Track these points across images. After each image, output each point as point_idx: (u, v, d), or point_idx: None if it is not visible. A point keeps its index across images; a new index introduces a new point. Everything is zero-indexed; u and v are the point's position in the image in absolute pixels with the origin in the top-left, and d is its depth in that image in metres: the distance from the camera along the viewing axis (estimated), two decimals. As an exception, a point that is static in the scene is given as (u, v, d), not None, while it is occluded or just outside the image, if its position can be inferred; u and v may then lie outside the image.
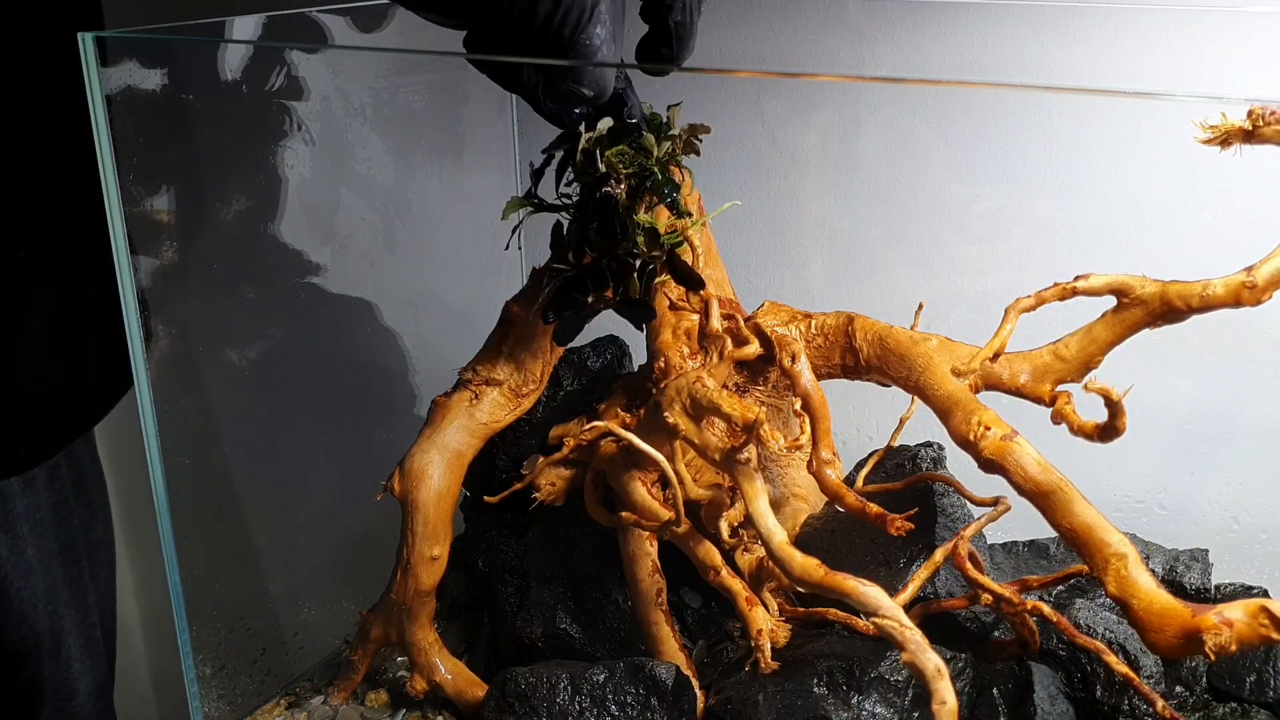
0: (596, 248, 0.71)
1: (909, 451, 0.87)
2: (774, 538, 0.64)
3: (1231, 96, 0.68)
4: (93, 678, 1.00)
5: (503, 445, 0.87)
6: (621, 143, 0.69)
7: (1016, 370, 0.71)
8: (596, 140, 0.69)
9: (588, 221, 0.71)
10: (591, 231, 0.71)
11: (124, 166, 0.71)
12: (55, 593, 0.94)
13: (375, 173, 1.03)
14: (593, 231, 0.71)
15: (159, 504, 0.77)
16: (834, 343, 0.76)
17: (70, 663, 0.96)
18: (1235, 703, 0.73)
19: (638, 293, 0.72)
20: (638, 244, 0.70)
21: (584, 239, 0.72)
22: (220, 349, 0.91)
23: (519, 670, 0.74)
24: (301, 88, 0.92)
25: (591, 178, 0.70)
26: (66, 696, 0.96)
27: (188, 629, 0.80)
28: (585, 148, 0.69)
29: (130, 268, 0.72)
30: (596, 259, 0.72)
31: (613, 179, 0.69)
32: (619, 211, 0.69)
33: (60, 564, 0.94)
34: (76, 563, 0.97)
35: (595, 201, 0.70)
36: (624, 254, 0.71)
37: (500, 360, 0.80)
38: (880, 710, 0.68)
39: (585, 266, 0.72)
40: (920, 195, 0.99)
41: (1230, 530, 0.95)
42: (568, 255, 0.73)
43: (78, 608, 0.97)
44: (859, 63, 0.99)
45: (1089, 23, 0.90)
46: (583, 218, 0.72)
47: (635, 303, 0.73)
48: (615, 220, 0.70)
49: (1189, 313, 0.66)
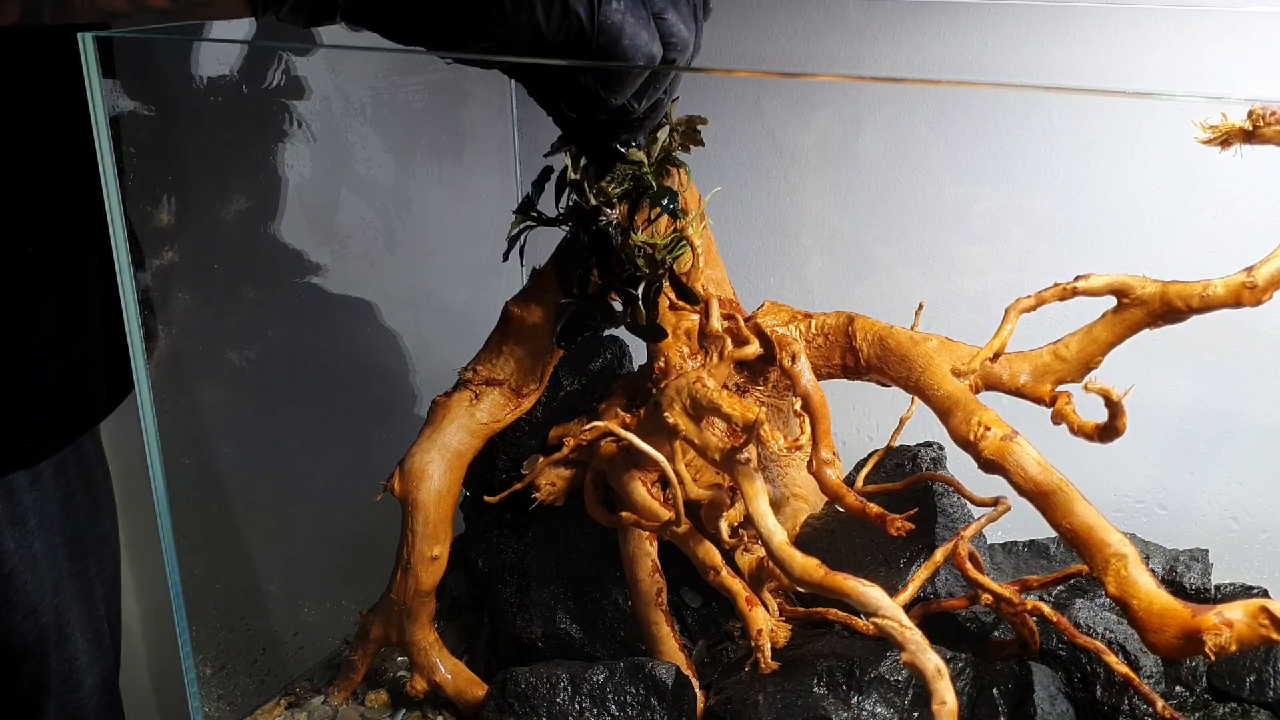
0: (599, 278, 0.72)
1: (909, 451, 0.87)
2: (774, 538, 0.64)
3: (1231, 96, 0.68)
4: (99, 670, 1.00)
5: (503, 445, 0.87)
6: (606, 174, 0.69)
7: (1017, 370, 0.71)
8: (584, 172, 0.69)
9: (588, 254, 0.71)
10: (591, 264, 0.71)
11: (124, 167, 0.71)
12: (61, 586, 0.94)
13: (375, 173, 1.03)
14: (592, 264, 0.71)
15: (159, 504, 0.77)
16: (834, 343, 0.76)
17: (76, 656, 0.97)
18: (1235, 703, 0.73)
19: (644, 320, 0.72)
20: (639, 267, 0.70)
21: (586, 271, 0.72)
22: (220, 349, 0.91)
23: (519, 670, 0.74)
24: (301, 87, 0.91)
25: (585, 212, 0.70)
26: (73, 688, 0.97)
27: (188, 629, 0.80)
28: (573, 179, 0.69)
29: (130, 267, 0.72)
30: (600, 288, 0.72)
31: (606, 207, 0.69)
32: (615, 245, 0.69)
33: (66, 558, 0.95)
34: (83, 557, 0.97)
35: (592, 236, 0.70)
36: (626, 280, 0.71)
37: (500, 360, 0.80)
38: (880, 710, 0.68)
39: (591, 297, 0.73)
40: (920, 195, 1.00)
41: (1230, 530, 0.95)
42: (573, 289, 0.73)
43: (84, 601, 0.97)
44: (859, 63, 0.99)
45: (1089, 23, 0.90)
46: (581, 248, 0.72)
47: (644, 327, 0.73)
48: (611, 254, 0.70)
49: (1189, 313, 0.66)
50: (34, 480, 0.90)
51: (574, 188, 0.70)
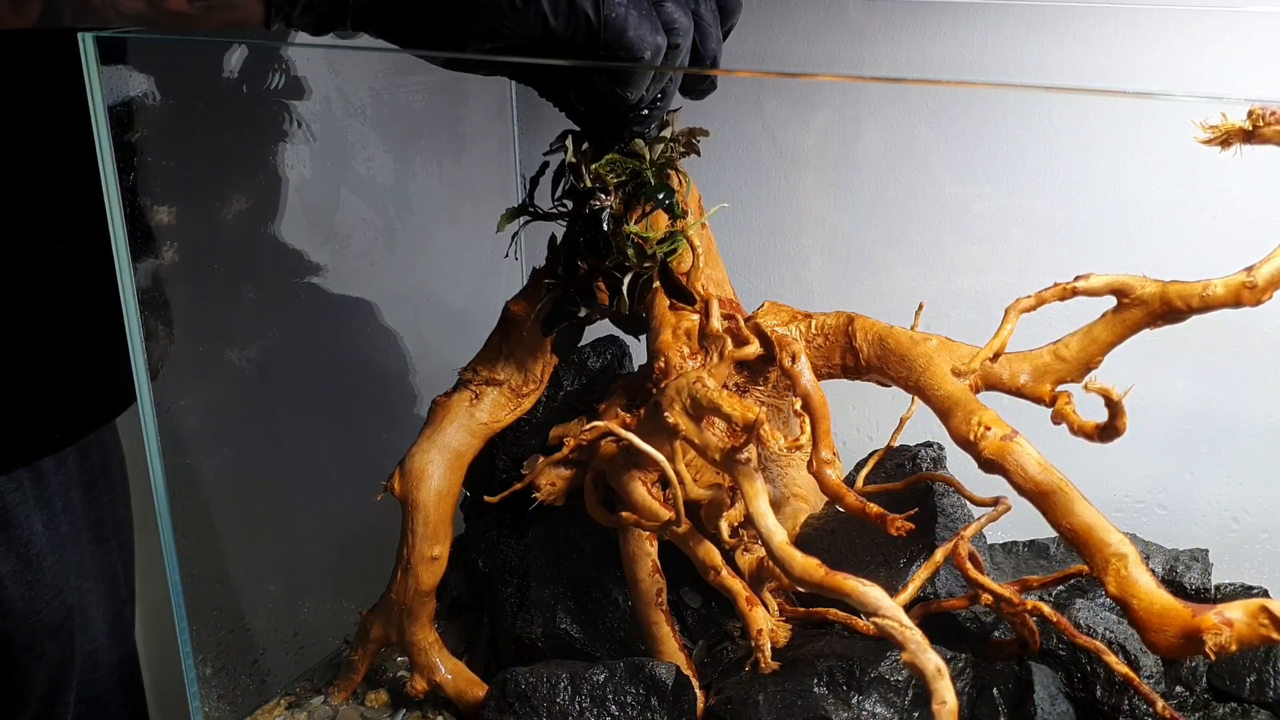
0: (586, 261, 0.71)
1: (909, 451, 0.87)
2: (774, 538, 0.64)
3: (1231, 96, 0.68)
4: (118, 651, 1.03)
5: (503, 445, 0.87)
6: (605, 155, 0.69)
7: (1017, 370, 0.71)
8: (581, 154, 0.69)
9: (577, 236, 0.71)
10: (580, 246, 0.71)
11: (124, 167, 0.71)
12: (84, 567, 0.96)
13: (375, 173, 1.03)
14: (581, 246, 0.71)
15: (159, 504, 0.77)
16: (834, 343, 0.76)
17: (97, 637, 0.99)
18: (1235, 703, 0.73)
19: (628, 309, 0.71)
20: (628, 256, 0.70)
21: (574, 253, 0.72)
22: (220, 349, 0.91)
23: (519, 670, 0.74)
24: (301, 88, 0.91)
25: (579, 192, 0.70)
26: (92, 668, 0.99)
27: (188, 629, 0.80)
28: (571, 161, 0.69)
29: (130, 267, 0.72)
30: (587, 273, 0.72)
31: (600, 192, 0.69)
32: (604, 226, 0.69)
33: (90, 540, 0.97)
34: (105, 540, 1.00)
35: (583, 216, 0.70)
36: (613, 267, 0.71)
37: (500, 360, 0.80)
38: (880, 710, 0.68)
39: (576, 280, 0.72)
40: (920, 195, 0.99)
41: (1230, 530, 0.95)
42: (558, 269, 0.73)
43: (106, 583, 1.00)
44: (859, 63, 0.99)
45: (1089, 23, 0.90)
46: (572, 231, 0.72)
47: (627, 318, 0.73)
48: (600, 235, 0.69)
49: (1189, 313, 0.66)
50: (60, 465, 0.92)
51: (571, 170, 0.70)
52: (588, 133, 0.69)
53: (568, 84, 0.63)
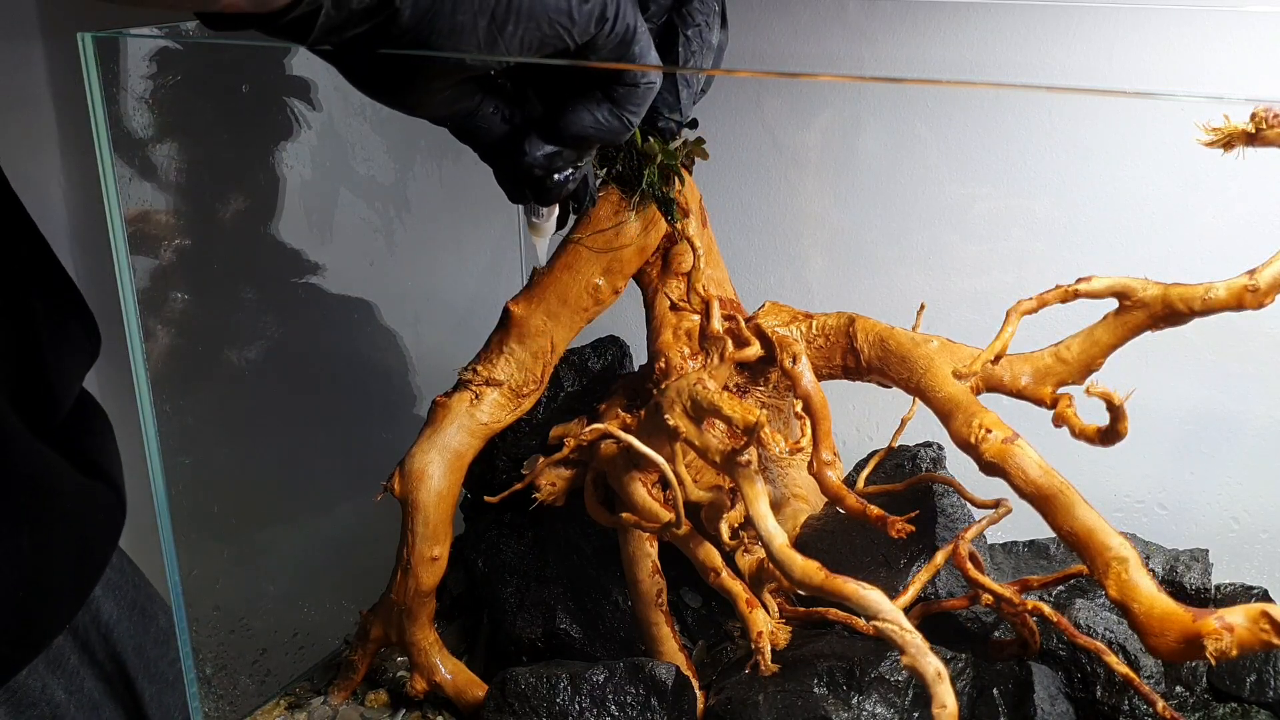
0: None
1: (909, 452, 0.87)
2: (775, 540, 0.64)
3: (1233, 97, 0.68)
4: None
5: (503, 446, 0.87)
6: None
7: (1018, 372, 0.70)
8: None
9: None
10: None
11: (123, 167, 0.71)
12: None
13: (375, 173, 1.03)
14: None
15: (159, 504, 0.77)
16: (835, 344, 0.76)
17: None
18: (1235, 703, 0.73)
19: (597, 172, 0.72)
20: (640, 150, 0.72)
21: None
22: (220, 349, 0.91)
23: (519, 670, 0.74)
24: (301, 87, 0.91)
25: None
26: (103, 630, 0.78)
27: (188, 629, 0.80)
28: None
29: (130, 268, 0.72)
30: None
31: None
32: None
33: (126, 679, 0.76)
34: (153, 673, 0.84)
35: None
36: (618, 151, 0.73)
37: (501, 360, 0.80)
38: (880, 710, 0.68)
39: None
40: (920, 195, 0.99)
41: (1230, 530, 0.95)
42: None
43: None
44: (859, 63, 0.99)
45: (1089, 23, 0.90)
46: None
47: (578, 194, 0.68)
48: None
49: (1191, 315, 0.66)
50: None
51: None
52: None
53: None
